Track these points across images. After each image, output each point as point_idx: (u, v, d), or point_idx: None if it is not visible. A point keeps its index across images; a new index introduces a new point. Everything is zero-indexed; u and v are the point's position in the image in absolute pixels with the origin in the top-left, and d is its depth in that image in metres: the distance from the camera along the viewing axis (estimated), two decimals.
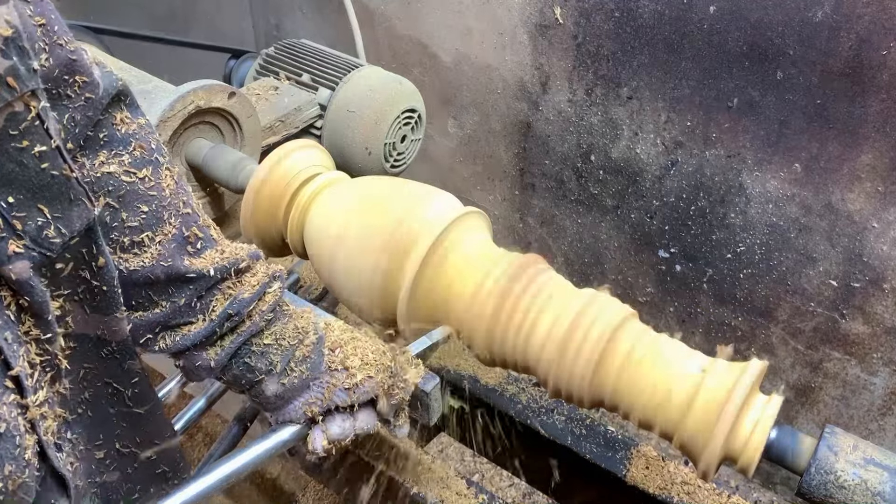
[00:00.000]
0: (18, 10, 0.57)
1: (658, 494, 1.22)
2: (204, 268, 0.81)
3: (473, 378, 1.40)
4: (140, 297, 0.80)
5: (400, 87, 1.57)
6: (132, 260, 0.77)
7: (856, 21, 1.38)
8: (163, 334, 0.82)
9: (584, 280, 2.15)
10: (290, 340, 0.88)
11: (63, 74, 0.68)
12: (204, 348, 0.84)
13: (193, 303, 0.81)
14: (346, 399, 0.90)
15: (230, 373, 0.86)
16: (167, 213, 0.80)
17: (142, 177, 0.77)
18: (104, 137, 0.75)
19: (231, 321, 0.83)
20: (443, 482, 1.19)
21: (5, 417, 0.57)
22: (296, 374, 0.88)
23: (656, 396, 0.90)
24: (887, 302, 1.61)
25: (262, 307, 0.85)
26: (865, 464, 0.84)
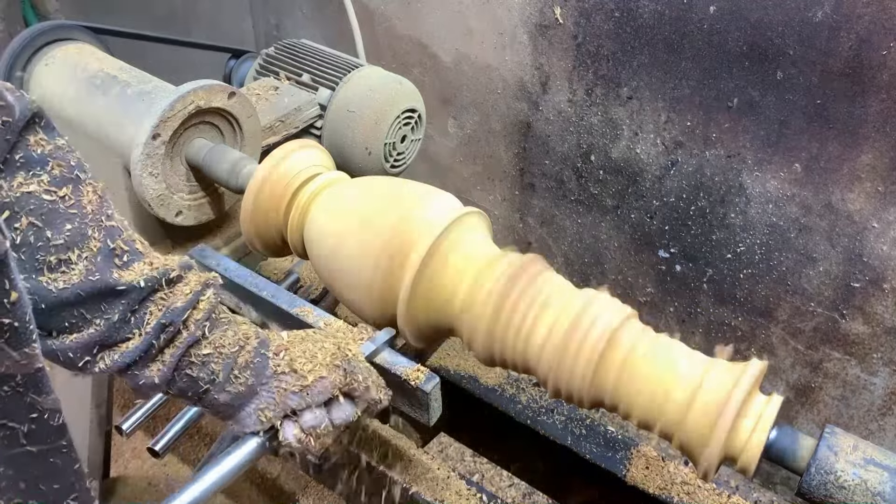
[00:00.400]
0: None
1: (658, 494, 1.22)
2: (134, 280, 0.80)
3: (473, 378, 1.40)
4: (73, 318, 0.78)
5: (400, 87, 1.57)
6: (60, 279, 0.76)
7: (856, 21, 1.38)
8: (101, 354, 0.81)
9: (584, 280, 2.15)
10: (231, 348, 0.87)
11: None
12: (146, 365, 0.83)
13: (127, 317, 0.80)
14: (300, 402, 0.89)
15: (175, 386, 0.85)
16: (90, 229, 0.78)
17: (62, 195, 0.77)
18: (20, 159, 0.74)
19: (166, 332, 0.82)
20: (443, 482, 1.19)
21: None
22: (241, 381, 0.87)
23: (656, 396, 0.90)
24: (887, 302, 1.61)
25: (197, 316, 0.84)
26: (865, 464, 0.84)
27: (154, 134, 1.23)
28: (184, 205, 1.36)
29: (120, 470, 2.12)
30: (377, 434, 1.25)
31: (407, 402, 1.06)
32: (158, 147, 1.25)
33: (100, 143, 1.35)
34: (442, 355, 1.44)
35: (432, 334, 1.12)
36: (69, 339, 0.79)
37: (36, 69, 1.43)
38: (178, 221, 1.36)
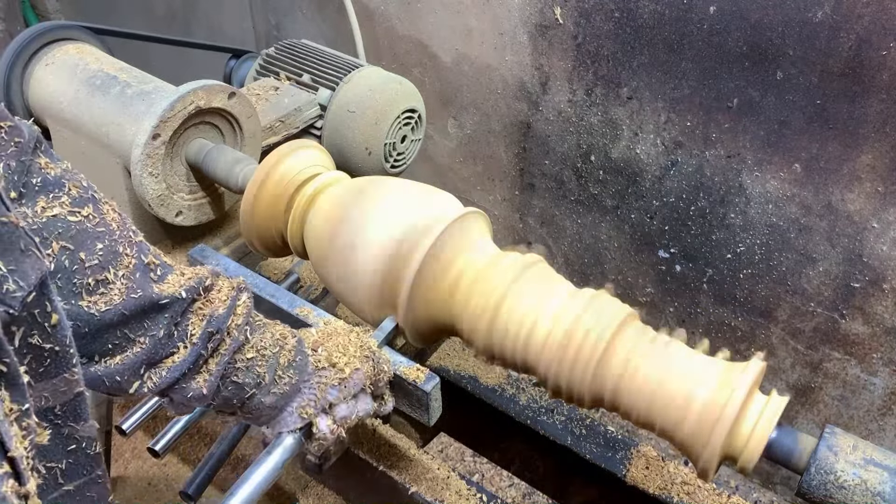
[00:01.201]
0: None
1: (658, 494, 1.22)
2: (175, 291, 0.79)
3: (473, 378, 1.40)
4: (116, 339, 0.76)
5: (400, 87, 1.57)
6: (101, 300, 0.74)
7: (856, 21, 1.38)
8: (148, 374, 0.79)
9: (584, 280, 2.15)
10: (272, 349, 0.87)
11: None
12: (192, 377, 0.82)
13: (171, 331, 0.79)
14: (338, 396, 0.90)
15: (220, 396, 0.84)
16: (121, 246, 0.77)
17: (86, 214, 0.75)
18: (38, 183, 0.72)
19: (213, 341, 0.81)
20: (443, 482, 1.19)
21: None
22: (285, 381, 0.87)
23: (656, 396, 0.90)
24: (887, 302, 1.61)
25: (238, 321, 0.84)
26: (865, 464, 0.84)
27: (154, 134, 1.23)
28: (184, 205, 1.36)
29: (120, 470, 2.12)
30: (377, 434, 1.25)
31: (407, 402, 1.06)
32: (158, 147, 1.25)
33: (100, 143, 1.35)
34: (442, 355, 1.44)
35: (432, 334, 1.12)
36: (114, 361, 0.77)
37: (36, 69, 1.43)
38: (178, 221, 1.36)
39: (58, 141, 1.44)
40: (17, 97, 1.45)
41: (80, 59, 1.42)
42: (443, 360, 1.43)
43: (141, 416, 1.11)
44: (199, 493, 1.05)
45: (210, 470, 1.06)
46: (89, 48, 1.48)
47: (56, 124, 1.42)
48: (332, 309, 1.43)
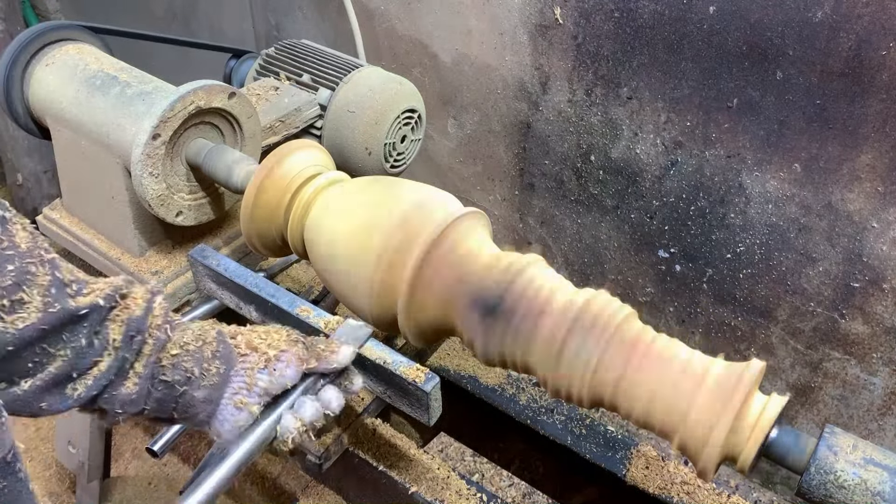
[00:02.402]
0: None
1: (658, 494, 1.22)
2: (92, 301, 0.79)
3: (473, 378, 1.41)
4: (35, 357, 0.75)
5: (400, 87, 1.57)
6: (18, 319, 0.73)
7: (856, 21, 1.38)
8: (72, 385, 0.79)
9: (584, 280, 2.15)
10: (195, 343, 0.88)
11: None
12: (121, 383, 0.82)
13: (91, 340, 0.79)
14: (268, 379, 0.89)
15: (152, 399, 0.85)
16: (33, 265, 0.76)
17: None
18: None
19: (135, 343, 0.82)
20: (443, 482, 1.19)
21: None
22: (213, 372, 0.88)
23: (656, 396, 0.90)
24: (887, 302, 1.61)
25: (157, 321, 0.85)
26: (865, 464, 0.84)
27: (154, 134, 1.23)
28: (184, 205, 1.36)
29: (120, 470, 2.12)
30: (377, 434, 1.25)
31: (407, 402, 1.06)
32: (158, 147, 1.25)
33: (100, 143, 1.35)
34: (442, 355, 1.44)
35: (432, 334, 1.12)
36: (36, 380, 0.76)
37: (36, 69, 1.43)
38: (178, 221, 1.36)
39: (58, 141, 1.45)
40: (18, 97, 1.45)
41: (80, 59, 1.42)
42: (443, 360, 1.43)
43: (172, 437, 1.11)
44: None
45: None
46: (89, 48, 1.48)
47: (56, 124, 1.42)
48: (332, 309, 1.43)
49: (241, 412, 0.89)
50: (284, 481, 2.08)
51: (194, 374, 0.86)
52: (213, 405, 0.88)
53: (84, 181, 1.44)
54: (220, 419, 0.89)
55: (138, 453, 2.14)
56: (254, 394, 0.89)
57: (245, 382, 0.89)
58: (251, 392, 0.89)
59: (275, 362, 0.90)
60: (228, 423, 0.89)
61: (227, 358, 0.89)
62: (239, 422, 0.89)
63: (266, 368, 0.90)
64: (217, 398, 0.88)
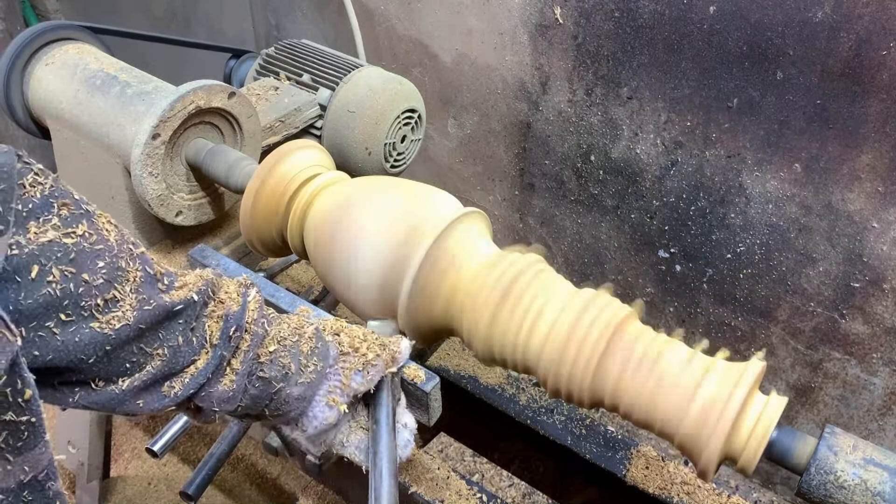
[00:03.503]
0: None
1: (658, 494, 1.22)
2: (186, 296, 0.77)
3: (473, 378, 1.41)
4: (133, 356, 0.73)
5: (400, 87, 1.57)
6: (114, 318, 0.71)
7: (856, 21, 1.38)
8: (169, 383, 0.77)
9: (584, 280, 2.15)
10: (292, 338, 0.86)
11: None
12: (218, 380, 0.80)
13: (189, 337, 0.77)
14: (362, 382, 0.89)
15: (248, 395, 0.83)
16: (124, 261, 0.73)
17: (81, 233, 0.70)
18: (24, 209, 0.67)
19: (233, 339, 0.80)
20: (443, 482, 1.19)
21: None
22: (311, 370, 0.86)
23: (656, 396, 0.90)
24: (887, 302, 1.61)
25: (254, 315, 0.83)
26: (865, 464, 0.84)
27: (154, 134, 1.23)
28: (184, 205, 1.36)
29: (120, 470, 2.12)
30: None
31: (407, 402, 1.06)
32: (158, 147, 1.25)
33: (100, 143, 1.35)
34: (442, 355, 1.44)
35: (432, 334, 1.12)
36: (134, 379, 0.74)
37: (36, 69, 1.43)
38: (178, 221, 1.36)
39: (58, 141, 1.45)
40: (17, 97, 1.45)
41: (80, 59, 1.42)
42: (443, 360, 1.43)
43: (171, 438, 1.10)
44: (200, 493, 1.05)
45: (210, 470, 1.06)
46: (89, 48, 1.48)
47: (56, 124, 1.42)
48: (332, 309, 1.43)
49: (332, 410, 0.88)
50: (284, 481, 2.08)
51: (291, 371, 0.84)
52: (307, 402, 0.87)
53: (84, 181, 1.44)
54: (311, 416, 0.88)
55: (138, 453, 2.14)
56: (346, 394, 0.88)
57: (341, 382, 0.87)
58: (344, 392, 0.88)
59: (370, 366, 0.89)
60: (318, 419, 0.88)
61: (324, 355, 0.88)
62: (328, 419, 0.88)
63: (362, 370, 0.89)
64: (311, 396, 0.87)
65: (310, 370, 0.86)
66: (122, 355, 0.72)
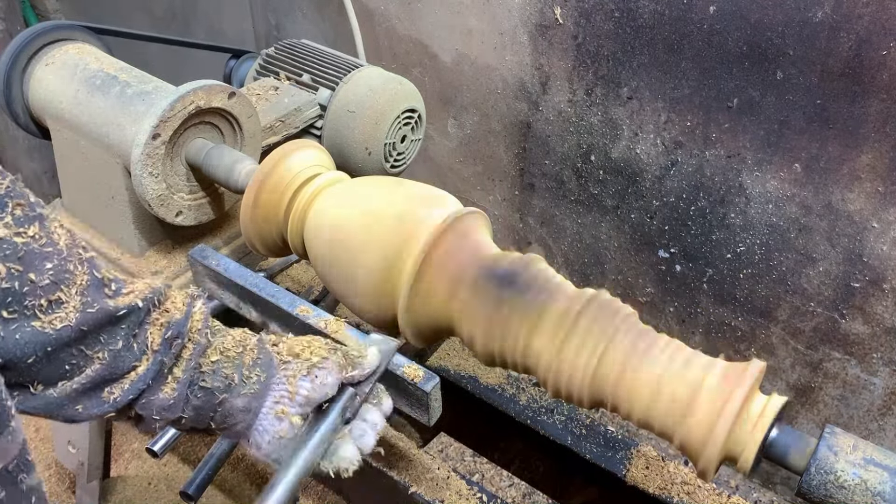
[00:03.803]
0: None
1: (658, 494, 1.22)
2: (131, 301, 0.78)
3: (473, 378, 1.41)
4: (72, 358, 0.74)
5: (400, 87, 1.57)
6: (56, 319, 0.71)
7: (856, 21, 1.38)
8: (109, 389, 0.77)
9: (584, 280, 2.15)
10: (235, 349, 0.86)
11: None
12: (158, 388, 0.80)
13: (130, 343, 0.77)
14: (310, 386, 0.86)
15: (191, 406, 0.83)
16: (71, 264, 0.74)
17: (32, 234, 0.71)
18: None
19: (175, 346, 0.80)
20: (443, 482, 1.19)
21: None
22: (254, 380, 0.85)
23: (656, 396, 0.90)
24: (887, 302, 1.61)
25: (198, 325, 0.84)
26: (865, 464, 0.84)
27: (154, 134, 1.23)
28: (184, 205, 1.36)
29: (120, 470, 2.12)
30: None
31: (407, 402, 1.06)
32: (158, 147, 1.25)
33: (100, 143, 1.35)
34: (442, 355, 1.44)
35: (432, 334, 1.12)
36: (73, 383, 0.74)
37: (36, 69, 1.43)
38: (178, 221, 1.36)
39: (58, 141, 1.45)
40: (17, 97, 1.45)
41: (80, 59, 1.42)
42: (443, 360, 1.43)
43: (171, 438, 1.10)
44: (200, 493, 1.05)
45: (210, 470, 1.06)
46: (89, 48, 1.48)
47: (56, 124, 1.42)
48: (332, 309, 1.43)
49: (283, 422, 0.86)
50: None
51: (234, 381, 0.84)
52: (253, 415, 0.86)
53: (84, 181, 1.44)
54: (261, 430, 0.86)
55: (138, 453, 2.14)
56: (296, 403, 0.86)
57: (287, 391, 0.86)
58: (293, 401, 0.86)
59: (316, 369, 0.87)
60: (269, 433, 0.86)
61: (267, 365, 0.87)
62: (280, 432, 0.86)
63: (308, 375, 0.87)
64: (257, 407, 0.86)
65: (253, 381, 0.85)
66: (63, 356, 0.73)
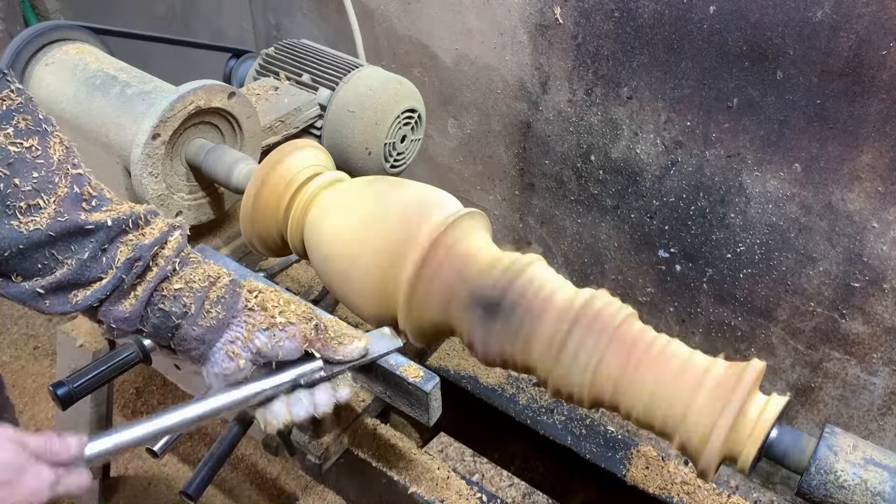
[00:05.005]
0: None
1: (658, 494, 1.22)
2: (102, 220, 0.85)
3: (473, 378, 1.41)
4: (45, 259, 0.83)
5: (400, 87, 1.57)
6: (31, 222, 0.81)
7: (856, 21, 1.38)
8: (74, 293, 0.85)
9: (584, 280, 2.15)
10: (201, 283, 0.90)
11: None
12: (119, 301, 0.87)
13: (97, 255, 0.85)
14: (265, 341, 0.90)
15: (149, 323, 0.88)
16: (58, 177, 0.84)
17: (28, 146, 0.82)
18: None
19: (136, 267, 0.86)
20: (443, 482, 1.19)
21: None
22: (213, 315, 0.89)
23: (656, 396, 0.90)
24: (887, 302, 1.61)
25: (167, 253, 0.89)
26: (865, 464, 0.84)
27: (154, 134, 1.23)
28: (184, 205, 1.36)
29: (120, 470, 2.12)
30: (377, 434, 1.25)
31: (407, 402, 1.06)
32: (158, 147, 1.25)
33: (100, 143, 1.35)
34: (442, 355, 1.44)
35: (432, 334, 1.12)
36: (42, 280, 0.83)
37: (36, 69, 1.43)
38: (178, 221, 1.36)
39: None
40: None
41: (80, 59, 1.42)
42: (443, 360, 1.43)
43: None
44: (200, 493, 1.05)
45: (210, 470, 1.06)
46: (89, 48, 1.48)
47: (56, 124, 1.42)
48: (332, 309, 1.43)
49: (232, 362, 0.89)
50: (284, 481, 2.08)
51: (191, 311, 0.88)
52: (207, 346, 0.89)
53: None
54: (212, 362, 0.90)
55: (138, 453, 2.14)
56: (247, 349, 0.90)
57: (242, 334, 0.90)
58: (245, 346, 0.90)
59: (277, 329, 0.90)
60: (218, 367, 0.90)
61: (229, 306, 0.90)
62: (227, 370, 0.90)
63: (267, 331, 0.90)
64: (211, 341, 0.89)
65: (211, 315, 0.89)
66: (36, 256, 0.83)
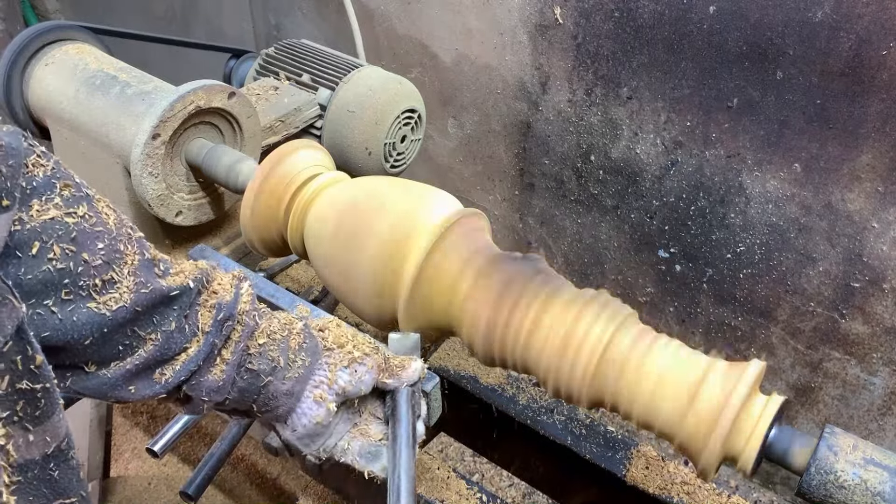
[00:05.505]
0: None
1: (658, 494, 1.22)
2: (183, 282, 0.78)
3: (473, 378, 1.41)
4: (126, 339, 0.75)
5: (400, 87, 1.57)
6: (111, 300, 0.72)
7: (856, 21, 1.38)
8: (160, 370, 0.78)
9: (584, 280, 2.15)
10: (281, 332, 0.86)
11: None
12: (208, 370, 0.81)
13: (182, 324, 0.78)
14: (348, 379, 0.87)
15: (236, 388, 0.83)
16: (121, 243, 0.75)
17: (82, 214, 0.72)
18: (28, 186, 0.68)
19: (225, 328, 0.81)
20: (443, 482, 1.19)
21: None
22: (299, 364, 0.86)
23: (656, 396, 0.90)
24: (887, 302, 1.61)
25: (246, 307, 0.84)
26: (865, 464, 0.84)
27: (154, 134, 1.23)
28: (184, 205, 1.36)
29: (120, 470, 2.12)
30: None
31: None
32: (158, 147, 1.25)
33: (100, 143, 1.35)
34: (442, 355, 1.44)
35: (433, 334, 1.12)
36: (125, 363, 0.75)
37: (36, 69, 1.43)
38: (178, 221, 1.36)
39: (58, 141, 1.45)
40: (17, 97, 1.45)
41: (80, 59, 1.42)
42: (443, 360, 1.43)
43: (171, 438, 1.10)
44: (200, 493, 1.05)
45: (210, 470, 1.06)
46: (89, 48, 1.48)
47: (56, 124, 1.42)
48: (332, 309, 1.43)
49: (321, 407, 0.87)
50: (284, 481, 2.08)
51: (280, 364, 0.84)
52: (295, 399, 0.87)
53: (83, 181, 1.43)
54: (299, 412, 0.87)
55: (138, 453, 2.14)
56: (332, 391, 0.87)
57: (327, 377, 0.87)
58: (331, 388, 0.87)
59: (357, 364, 0.88)
60: (307, 417, 0.87)
61: (312, 351, 0.88)
62: (317, 417, 0.87)
63: (348, 367, 0.88)
64: (299, 391, 0.86)
65: (298, 365, 0.86)
66: (117, 338, 0.74)
